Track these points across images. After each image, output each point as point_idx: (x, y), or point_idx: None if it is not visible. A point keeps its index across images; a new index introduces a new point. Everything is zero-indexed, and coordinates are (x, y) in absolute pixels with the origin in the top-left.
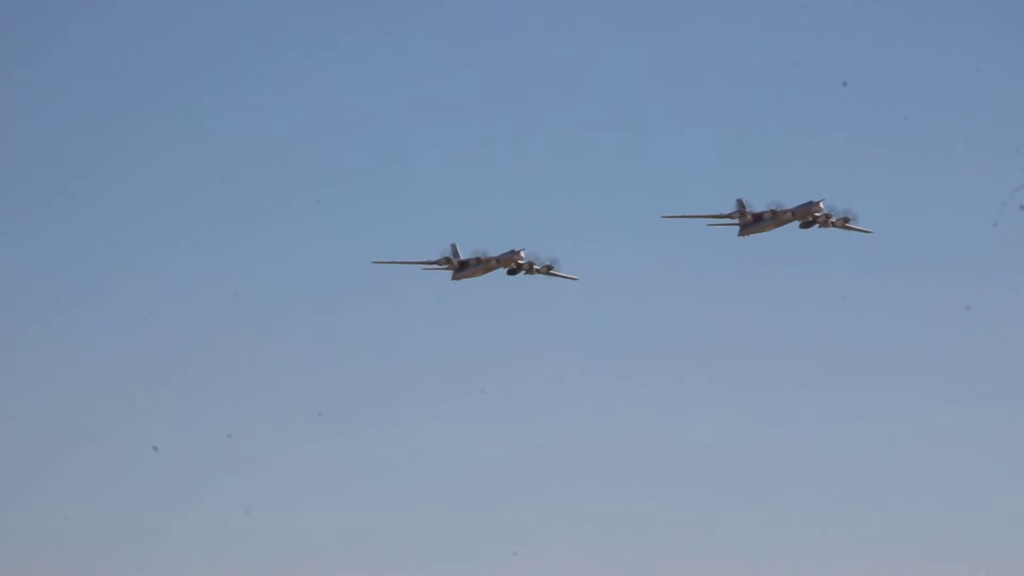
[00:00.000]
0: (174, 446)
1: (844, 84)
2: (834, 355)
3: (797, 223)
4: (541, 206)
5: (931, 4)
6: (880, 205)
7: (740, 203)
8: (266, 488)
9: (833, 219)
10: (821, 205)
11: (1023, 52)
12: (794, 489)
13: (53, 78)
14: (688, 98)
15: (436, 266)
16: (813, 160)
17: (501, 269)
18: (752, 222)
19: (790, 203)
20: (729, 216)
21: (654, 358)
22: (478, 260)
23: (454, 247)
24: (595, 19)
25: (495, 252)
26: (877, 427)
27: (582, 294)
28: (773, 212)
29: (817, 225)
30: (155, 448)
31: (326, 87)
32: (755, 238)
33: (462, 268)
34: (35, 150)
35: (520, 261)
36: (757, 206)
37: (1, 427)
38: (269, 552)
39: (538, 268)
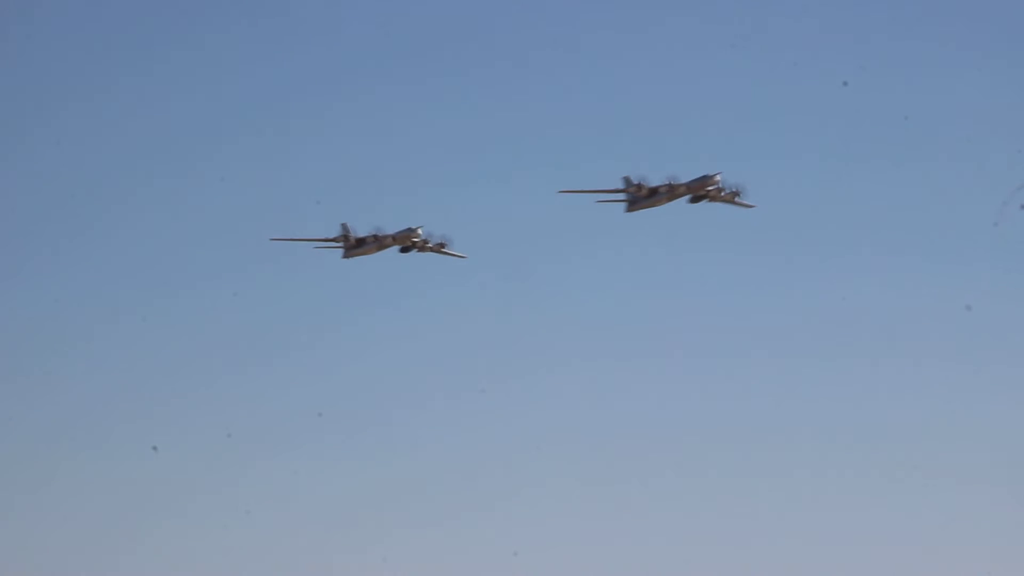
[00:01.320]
0: (174, 446)
1: (844, 84)
2: (838, 356)
3: (687, 197)
4: (438, 185)
5: (931, 4)
6: (879, 205)
7: (628, 180)
8: (266, 488)
9: (723, 193)
10: (717, 179)
11: (1023, 52)
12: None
13: (55, 87)
14: (687, 98)
15: (332, 244)
16: (813, 159)
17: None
18: (646, 196)
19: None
20: (624, 191)
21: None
22: (375, 238)
23: (346, 226)
24: (593, 18)
25: (390, 230)
26: (876, 427)
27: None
28: (670, 186)
29: (707, 200)
30: (155, 448)
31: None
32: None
33: (358, 246)
34: (34, 156)
35: (415, 239)
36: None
37: (0, 428)
38: (269, 552)
39: (431, 246)
